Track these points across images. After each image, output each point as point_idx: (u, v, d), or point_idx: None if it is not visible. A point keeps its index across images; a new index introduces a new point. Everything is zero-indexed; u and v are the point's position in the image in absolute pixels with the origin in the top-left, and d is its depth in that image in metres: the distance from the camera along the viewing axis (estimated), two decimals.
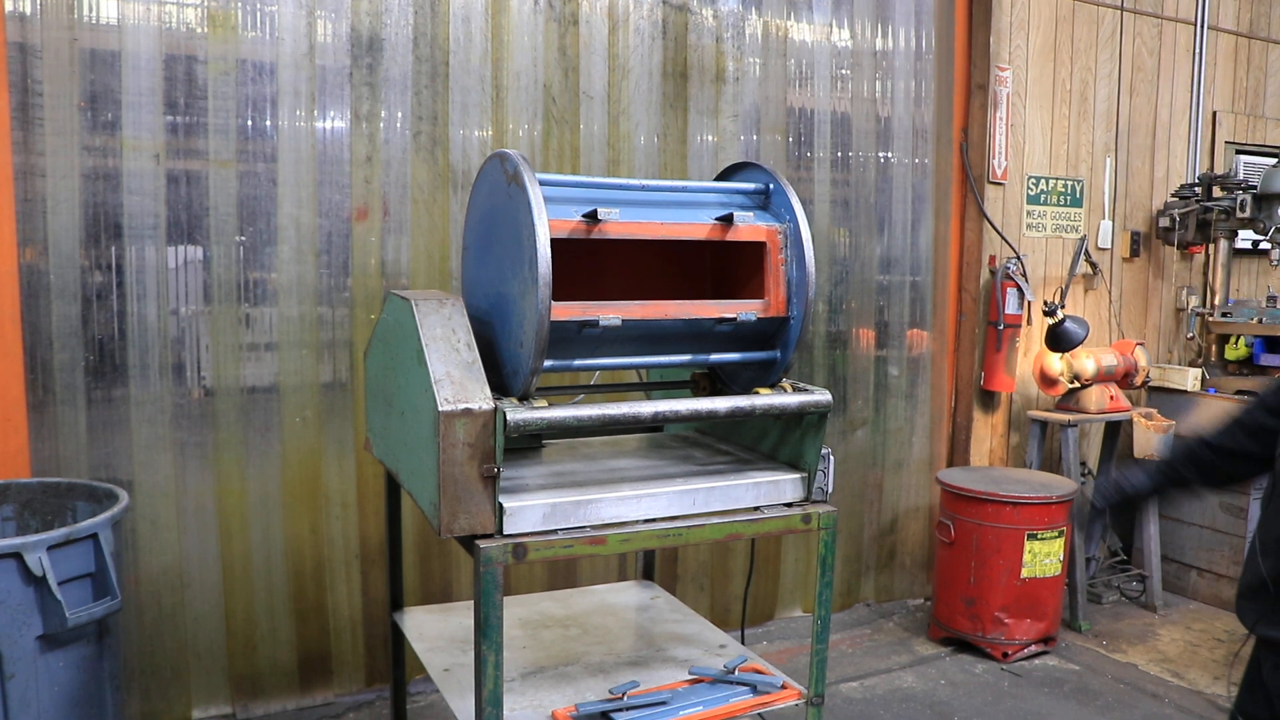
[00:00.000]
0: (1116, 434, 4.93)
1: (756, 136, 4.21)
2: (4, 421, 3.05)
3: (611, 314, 2.19)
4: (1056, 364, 4.67)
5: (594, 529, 2.17)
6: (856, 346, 4.57)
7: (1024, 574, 4.08)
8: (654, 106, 3.96)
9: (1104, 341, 5.07)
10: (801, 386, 2.43)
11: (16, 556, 2.35)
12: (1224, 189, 4.99)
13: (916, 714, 3.69)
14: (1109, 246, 5.13)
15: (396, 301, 2.33)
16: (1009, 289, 4.61)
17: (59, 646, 2.47)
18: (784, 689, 2.46)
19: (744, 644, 2.78)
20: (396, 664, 2.90)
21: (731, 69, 4.12)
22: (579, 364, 2.32)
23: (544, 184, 2.19)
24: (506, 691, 2.25)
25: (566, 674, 2.53)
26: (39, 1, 3.01)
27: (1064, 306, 4.65)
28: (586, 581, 3.87)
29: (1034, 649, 4.20)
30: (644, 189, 2.41)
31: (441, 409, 2.01)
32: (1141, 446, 4.62)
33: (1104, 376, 4.67)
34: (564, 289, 2.20)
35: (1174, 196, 5.21)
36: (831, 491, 2.41)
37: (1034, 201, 4.86)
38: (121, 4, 3.11)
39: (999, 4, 4.61)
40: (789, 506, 2.39)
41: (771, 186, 2.47)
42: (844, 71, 4.40)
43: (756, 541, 3.43)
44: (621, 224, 2.23)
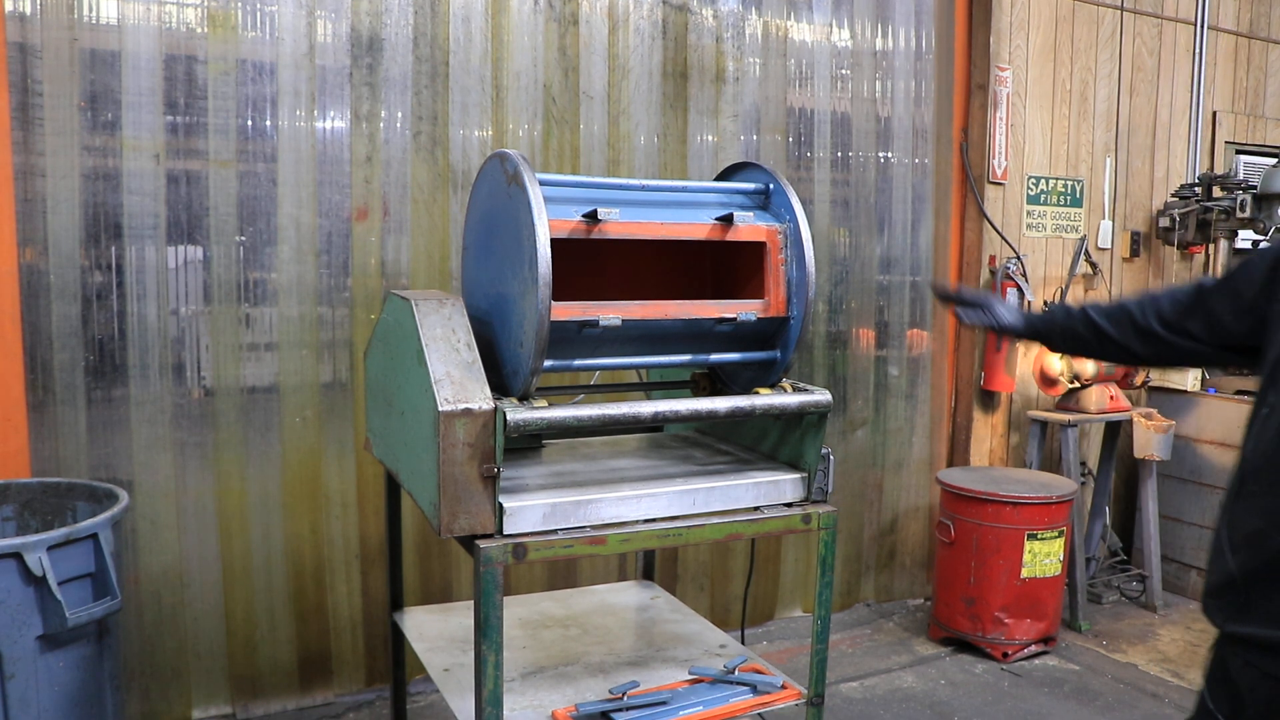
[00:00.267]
0: (1116, 434, 4.93)
1: (756, 136, 4.21)
2: (4, 421, 3.05)
3: (611, 314, 2.19)
4: (1056, 364, 4.67)
5: (594, 529, 2.17)
6: (856, 346, 4.57)
7: (1024, 574, 4.08)
8: (654, 106, 3.96)
9: None
10: (801, 386, 2.43)
11: (16, 556, 2.35)
12: (1224, 189, 4.99)
13: (916, 714, 3.69)
14: (1109, 246, 5.13)
15: (396, 301, 2.33)
16: (1009, 289, 4.61)
17: (59, 647, 2.47)
18: (784, 689, 2.45)
19: (744, 644, 2.78)
20: (396, 664, 2.90)
21: (731, 69, 4.12)
22: (579, 364, 2.32)
23: (544, 184, 2.19)
24: (506, 691, 2.25)
25: (566, 674, 2.53)
26: (39, 1, 3.01)
27: None
28: (586, 581, 3.87)
29: (1034, 649, 4.20)
30: (644, 189, 2.41)
31: (441, 409, 2.01)
32: (1142, 446, 4.62)
33: (1104, 377, 4.66)
34: (564, 289, 2.20)
35: (1174, 196, 5.21)
36: (831, 491, 2.41)
37: (1034, 201, 4.86)
38: (121, 4, 3.11)
39: (999, 4, 4.61)
40: (789, 506, 2.39)
41: (771, 186, 2.47)
42: (844, 71, 4.40)
43: (756, 541, 3.43)
44: (621, 224, 2.23)
